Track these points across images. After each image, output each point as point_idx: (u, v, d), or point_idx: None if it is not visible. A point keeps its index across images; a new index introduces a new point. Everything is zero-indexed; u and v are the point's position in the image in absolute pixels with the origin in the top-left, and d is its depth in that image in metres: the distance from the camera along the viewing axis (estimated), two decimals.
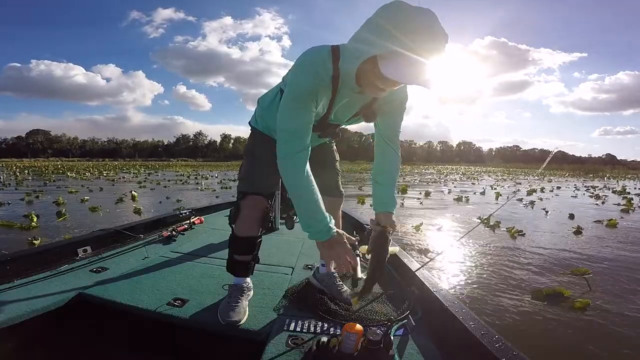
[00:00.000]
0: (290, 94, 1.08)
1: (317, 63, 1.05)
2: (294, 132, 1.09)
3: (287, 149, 1.09)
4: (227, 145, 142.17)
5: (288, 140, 1.09)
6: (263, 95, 1.41)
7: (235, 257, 1.40)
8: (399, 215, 5.90)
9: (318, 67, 1.05)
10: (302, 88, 1.06)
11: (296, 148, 1.09)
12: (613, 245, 4.02)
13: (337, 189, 1.60)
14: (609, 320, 2.12)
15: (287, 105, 1.09)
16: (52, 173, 18.12)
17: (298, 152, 1.09)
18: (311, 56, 1.07)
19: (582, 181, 19.94)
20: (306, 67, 1.07)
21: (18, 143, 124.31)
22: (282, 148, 1.10)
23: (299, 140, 1.09)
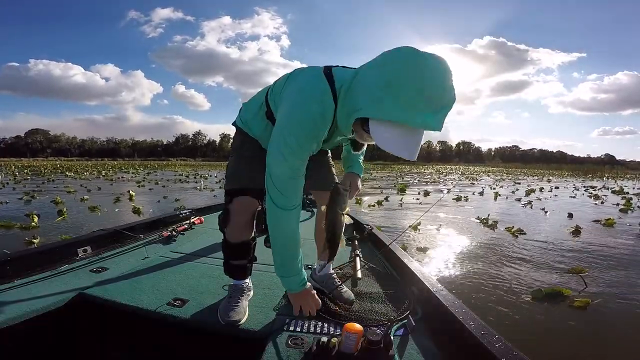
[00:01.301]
0: (294, 136, 1.00)
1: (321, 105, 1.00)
2: (293, 178, 1.07)
3: (284, 201, 1.07)
4: (227, 145, 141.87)
5: (286, 190, 1.07)
6: (247, 103, 1.36)
7: (231, 262, 1.40)
8: (398, 215, 5.91)
9: (322, 108, 1.00)
10: (307, 129, 1.01)
11: (294, 201, 1.09)
12: (611, 245, 4.03)
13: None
14: (608, 319, 2.13)
15: (287, 147, 1.01)
16: (51, 173, 18.08)
17: (296, 206, 1.11)
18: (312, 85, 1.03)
19: (582, 181, 19.96)
20: (310, 109, 1.01)
21: (17, 142, 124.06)
22: (279, 199, 1.07)
23: (297, 189, 1.09)
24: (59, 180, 12.56)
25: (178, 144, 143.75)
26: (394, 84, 0.82)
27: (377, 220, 5.15)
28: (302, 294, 1.20)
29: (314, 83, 1.03)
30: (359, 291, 1.56)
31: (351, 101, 0.94)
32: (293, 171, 1.06)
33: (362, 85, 0.90)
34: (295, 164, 1.05)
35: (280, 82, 1.18)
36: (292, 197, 1.08)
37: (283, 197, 1.07)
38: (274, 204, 1.08)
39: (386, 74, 0.85)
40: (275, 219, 1.11)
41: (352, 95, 0.93)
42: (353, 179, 1.36)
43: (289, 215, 1.10)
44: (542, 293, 2.42)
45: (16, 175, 15.47)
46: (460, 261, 3.26)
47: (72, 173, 17.66)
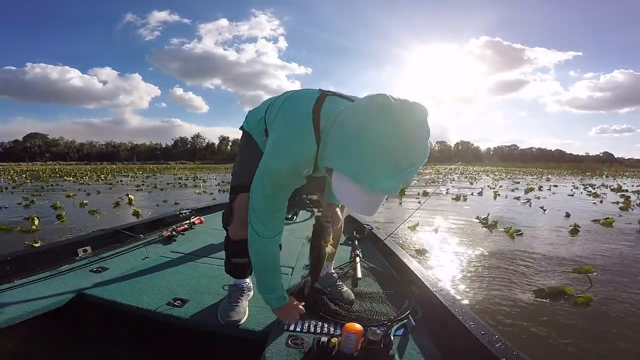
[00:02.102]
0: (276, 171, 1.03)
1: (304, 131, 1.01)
2: (273, 212, 1.11)
3: (266, 232, 1.11)
4: (226, 147, 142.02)
5: (267, 221, 1.11)
6: (252, 112, 1.38)
7: (233, 260, 1.40)
8: (397, 215, 5.90)
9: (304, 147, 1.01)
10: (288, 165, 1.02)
11: (275, 230, 1.14)
12: (611, 243, 4.03)
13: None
14: (612, 317, 2.13)
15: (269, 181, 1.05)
16: (50, 177, 18.05)
17: (277, 233, 1.15)
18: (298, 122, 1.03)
19: (580, 179, 19.98)
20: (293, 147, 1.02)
21: (15, 147, 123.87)
22: (260, 230, 1.11)
23: (278, 220, 1.14)
24: (58, 185, 12.53)
25: (177, 147, 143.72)
26: (357, 141, 0.80)
27: (376, 220, 5.15)
28: (283, 308, 1.22)
29: (299, 124, 1.03)
30: (359, 291, 1.57)
31: (324, 146, 0.93)
32: (275, 205, 1.11)
33: (334, 132, 0.88)
34: (276, 201, 1.10)
35: (276, 105, 1.18)
36: (273, 228, 1.13)
37: (265, 228, 1.11)
38: (256, 233, 1.12)
39: (354, 127, 0.82)
40: (256, 246, 1.14)
41: (326, 140, 0.92)
42: (333, 209, 1.38)
43: (270, 242, 1.14)
44: (545, 292, 2.41)
45: (15, 179, 15.44)
46: (460, 261, 3.25)
47: (71, 177, 17.62)
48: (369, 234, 2.50)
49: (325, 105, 1.03)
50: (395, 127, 0.77)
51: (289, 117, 1.09)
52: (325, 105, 1.03)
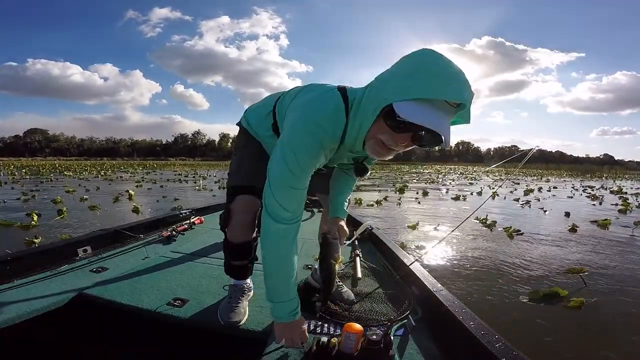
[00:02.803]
0: (302, 145, 0.94)
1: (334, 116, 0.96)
2: (295, 188, 0.98)
3: (282, 214, 0.98)
4: (226, 144, 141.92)
5: (286, 201, 0.97)
6: (253, 108, 1.33)
7: (232, 262, 1.38)
8: (396, 215, 5.91)
9: (334, 120, 0.96)
10: (316, 140, 0.95)
11: (293, 214, 1.00)
12: (607, 244, 4.04)
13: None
14: (605, 318, 2.15)
15: (293, 154, 0.94)
16: (50, 172, 18.04)
17: (295, 220, 1.01)
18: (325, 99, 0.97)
19: (580, 181, 19.99)
20: (323, 119, 0.95)
21: (16, 142, 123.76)
22: (278, 212, 0.98)
23: (297, 200, 1.00)
24: (58, 180, 12.52)
25: (177, 144, 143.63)
26: (417, 70, 0.81)
27: (376, 220, 5.16)
28: (290, 325, 1.06)
29: (327, 96, 0.98)
30: (359, 291, 1.57)
31: (368, 105, 0.90)
32: (294, 182, 0.97)
33: (382, 82, 0.88)
34: (299, 174, 0.97)
35: (290, 94, 1.13)
36: (291, 210, 0.98)
37: (281, 208, 0.97)
38: (270, 217, 0.98)
39: (409, 65, 0.83)
40: (269, 234, 1.00)
41: (367, 102, 0.90)
42: (338, 224, 1.32)
43: (285, 230, 0.99)
44: (540, 294, 2.42)
45: (15, 174, 15.43)
46: (458, 261, 3.26)
47: (70, 173, 17.61)
48: (369, 234, 2.50)
49: (348, 88, 1.01)
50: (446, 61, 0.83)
51: (313, 94, 1.02)
52: (348, 88, 1.01)
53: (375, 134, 0.90)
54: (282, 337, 1.07)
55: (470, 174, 24.60)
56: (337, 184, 1.37)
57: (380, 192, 9.60)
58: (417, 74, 0.81)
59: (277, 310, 1.05)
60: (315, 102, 0.98)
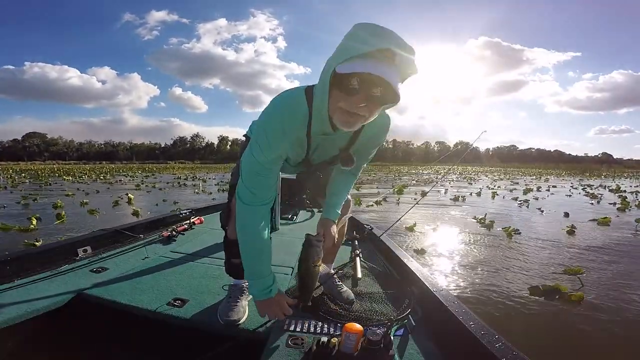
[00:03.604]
0: (262, 131, 1.05)
1: (291, 101, 1.04)
2: (258, 174, 1.07)
3: (251, 198, 1.08)
4: (225, 147, 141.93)
5: (253, 186, 1.08)
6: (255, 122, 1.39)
7: (233, 260, 1.40)
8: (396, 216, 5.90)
9: (291, 105, 1.04)
10: (273, 124, 1.04)
11: (261, 198, 1.10)
12: (605, 244, 4.05)
13: None
14: (603, 316, 2.15)
15: (256, 143, 1.05)
16: (49, 176, 18.02)
17: (263, 203, 1.11)
18: (285, 96, 1.07)
19: (579, 180, 20.02)
20: (279, 105, 1.05)
21: (14, 146, 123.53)
22: (246, 195, 1.08)
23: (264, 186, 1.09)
24: (57, 184, 12.51)
25: (176, 147, 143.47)
26: (350, 35, 0.89)
27: (375, 220, 5.16)
28: (265, 302, 1.14)
29: (289, 94, 1.07)
30: (359, 291, 1.57)
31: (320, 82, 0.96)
32: (261, 168, 1.07)
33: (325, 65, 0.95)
34: (263, 161, 1.06)
35: None
36: (259, 194, 1.09)
37: (251, 194, 1.08)
38: (241, 201, 1.09)
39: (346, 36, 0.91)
40: (240, 216, 1.11)
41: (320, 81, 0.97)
42: (327, 225, 1.28)
43: (253, 211, 1.09)
44: (540, 290, 2.43)
45: (14, 179, 15.40)
46: (457, 261, 3.26)
47: (70, 177, 17.59)
48: (369, 234, 2.50)
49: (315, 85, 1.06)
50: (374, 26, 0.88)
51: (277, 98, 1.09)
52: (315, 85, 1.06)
53: (335, 105, 0.94)
54: (262, 312, 1.17)
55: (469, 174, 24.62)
56: (332, 185, 1.38)
57: (380, 194, 9.60)
58: (350, 38, 0.89)
59: (251, 288, 1.15)
60: (278, 97, 1.08)
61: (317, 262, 1.15)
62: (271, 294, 1.14)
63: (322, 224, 1.29)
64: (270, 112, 1.05)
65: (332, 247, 1.34)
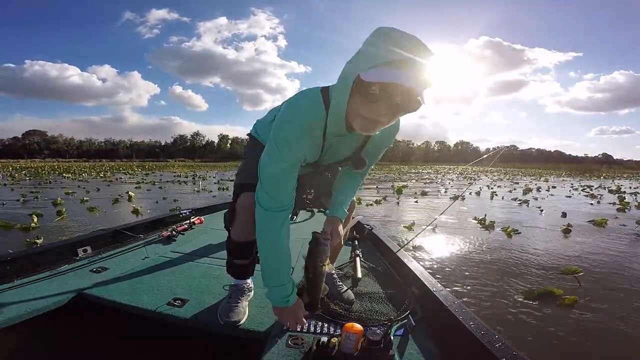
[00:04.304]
0: (280, 134, 1.04)
1: (309, 102, 1.04)
2: (279, 179, 1.07)
3: (271, 203, 1.08)
4: (225, 145, 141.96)
5: (272, 191, 1.07)
6: (261, 120, 1.42)
7: (235, 261, 1.39)
8: (395, 215, 5.91)
9: (310, 106, 1.04)
10: (293, 126, 1.04)
11: (281, 203, 1.09)
12: (603, 244, 4.06)
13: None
14: (598, 317, 2.16)
15: (275, 147, 1.04)
16: (49, 174, 18.02)
17: (283, 209, 1.10)
18: (302, 97, 1.07)
19: (579, 180, 20.03)
20: (297, 107, 1.05)
21: (14, 144, 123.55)
22: (266, 201, 1.08)
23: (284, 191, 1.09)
24: (57, 182, 12.51)
25: (176, 145, 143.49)
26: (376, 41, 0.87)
27: (374, 219, 5.16)
28: (285, 310, 1.15)
29: (306, 94, 1.07)
30: (359, 291, 1.57)
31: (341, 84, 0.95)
32: (282, 172, 1.06)
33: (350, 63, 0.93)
34: (282, 165, 1.05)
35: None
36: (279, 199, 1.08)
37: (270, 198, 1.08)
38: (260, 206, 1.09)
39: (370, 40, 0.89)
40: (260, 221, 1.11)
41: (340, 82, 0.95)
42: (335, 224, 1.27)
43: (274, 217, 1.09)
44: (534, 293, 2.44)
45: (14, 176, 15.41)
46: (456, 261, 3.26)
47: (70, 174, 17.59)
48: (369, 234, 2.50)
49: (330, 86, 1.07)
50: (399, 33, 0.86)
51: (295, 96, 1.10)
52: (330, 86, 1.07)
53: (356, 110, 0.94)
54: (281, 320, 1.18)
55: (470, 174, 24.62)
56: (339, 184, 1.38)
57: (379, 192, 9.61)
58: (374, 45, 0.87)
59: (270, 294, 1.15)
60: (294, 98, 1.08)
61: (324, 261, 1.14)
62: (288, 303, 1.14)
63: (329, 222, 1.29)
64: (288, 114, 1.05)
65: (335, 247, 1.34)
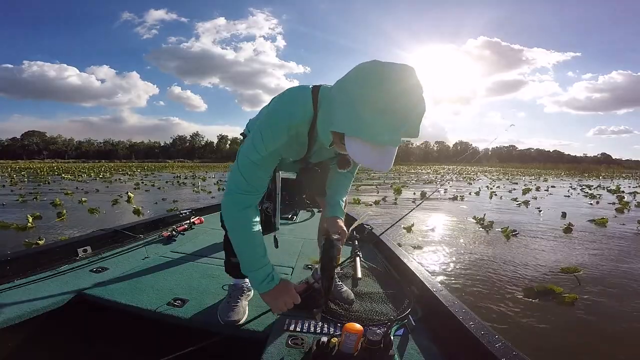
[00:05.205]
0: (266, 124, 1.06)
1: (298, 99, 1.05)
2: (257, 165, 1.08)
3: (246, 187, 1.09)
4: (224, 146, 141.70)
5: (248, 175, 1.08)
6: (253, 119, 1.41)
7: (232, 259, 1.40)
8: (396, 216, 5.91)
9: (298, 103, 1.04)
10: (280, 118, 1.04)
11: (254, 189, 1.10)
12: (603, 243, 4.07)
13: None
14: (597, 315, 2.17)
15: (259, 135, 1.05)
16: (48, 174, 17.99)
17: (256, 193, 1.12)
18: (292, 93, 1.08)
19: (578, 180, 20.05)
20: (286, 101, 1.07)
21: (13, 144, 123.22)
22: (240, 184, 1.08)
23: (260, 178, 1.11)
24: (56, 183, 12.49)
25: (175, 146, 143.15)
26: (359, 102, 0.84)
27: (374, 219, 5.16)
28: (271, 293, 1.12)
29: (297, 92, 1.08)
30: (359, 291, 1.57)
31: (328, 114, 0.95)
32: (256, 158, 1.07)
33: (336, 100, 0.92)
34: (264, 153, 1.06)
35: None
36: (253, 184, 1.10)
37: (245, 182, 1.08)
38: (233, 191, 1.09)
39: (352, 92, 0.87)
40: (232, 207, 1.10)
41: (330, 108, 0.94)
42: (339, 223, 1.31)
43: (245, 200, 1.10)
44: (534, 291, 2.45)
45: (13, 177, 15.38)
46: (455, 260, 3.27)
47: (69, 175, 17.56)
48: (369, 234, 2.50)
49: (322, 87, 1.08)
50: (392, 86, 0.84)
51: (285, 92, 1.12)
52: (321, 87, 1.08)
53: (336, 142, 0.96)
54: (273, 306, 1.13)
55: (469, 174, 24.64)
56: (333, 184, 1.40)
57: (379, 193, 9.61)
58: (363, 110, 0.84)
59: (253, 281, 1.13)
60: (285, 95, 1.10)
61: (337, 261, 1.19)
62: (274, 281, 1.12)
63: (333, 222, 1.30)
64: (277, 107, 1.08)
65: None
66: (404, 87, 0.84)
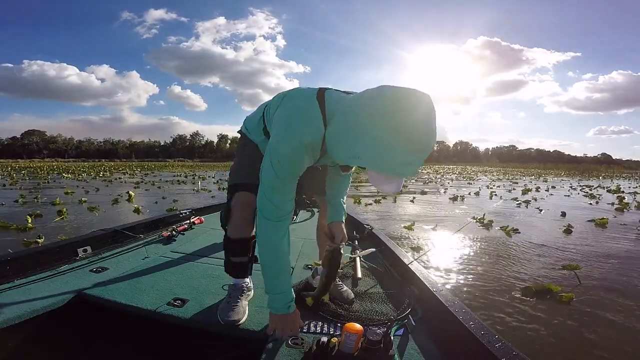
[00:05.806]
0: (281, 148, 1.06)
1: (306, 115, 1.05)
2: (281, 188, 1.09)
3: (274, 212, 1.11)
4: (224, 145, 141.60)
5: (275, 199, 1.10)
6: (250, 116, 1.43)
7: (232, 259, 1.41)
8: (394, 214, 5.91)
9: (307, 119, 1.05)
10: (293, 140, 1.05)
11: (282, 212, 1.12)
12: (603, 243, 4.07)
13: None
14: (596, 314, 2.18)
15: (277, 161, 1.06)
16: (48, 174, 18.00)
17: (283, 218, 1.13)
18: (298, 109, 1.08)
19: (578, 180, 20.05)
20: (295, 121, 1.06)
21: (13, 144, 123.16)
22: (268, 210, 1.11)
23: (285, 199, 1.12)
24: (56, 182, 12.49)
25: (175, 145, 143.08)
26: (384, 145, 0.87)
27: (374, 219, 5.17)
28: (284, 317, 1.16)
29: (306, 108, 1.06)
30: (359, 291, 1.57)
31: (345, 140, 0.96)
32: (280, 184, 1.09)
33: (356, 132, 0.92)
34: (285, 176, 1.09)
35: (275, 101, 1.23)
36: (281, 207, 1.12)
37: (272, 206, 1.10)
38: (263, 216, 1.12)
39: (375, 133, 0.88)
40: (261, 229, 1.14)
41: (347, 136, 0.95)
42: (341, 228, 1.37)
43: (276, 227, 1.13)
44: (532, 290, 2.46)
45: (13, 176, 15.38)
46: (455, 260, 3.27)
47: (69, 174, 17.57)
48: (369, 234, 2.50)
49: (327, 94, 1.08)
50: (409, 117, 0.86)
51: (292, 105, 1.12)
52: (327, 94, 1.08)
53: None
54: (275, 327, 1.16)
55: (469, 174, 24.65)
56: (334, 185, 1.42)
57: (379, 193, 9.62)
58: (392, 154, 0.87)
59: (273, 302, 1.16)
60: (295, 116, 1.08)
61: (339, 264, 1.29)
62: (290, 309, 1.17)
63: (337, 228, 1.36)
64: (289, 132, 1.06)
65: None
66: (427, 128, 0.88)
